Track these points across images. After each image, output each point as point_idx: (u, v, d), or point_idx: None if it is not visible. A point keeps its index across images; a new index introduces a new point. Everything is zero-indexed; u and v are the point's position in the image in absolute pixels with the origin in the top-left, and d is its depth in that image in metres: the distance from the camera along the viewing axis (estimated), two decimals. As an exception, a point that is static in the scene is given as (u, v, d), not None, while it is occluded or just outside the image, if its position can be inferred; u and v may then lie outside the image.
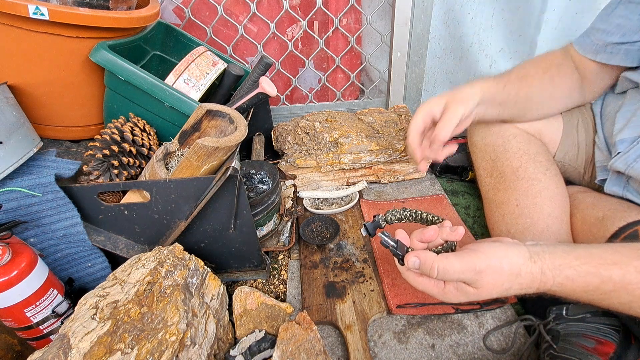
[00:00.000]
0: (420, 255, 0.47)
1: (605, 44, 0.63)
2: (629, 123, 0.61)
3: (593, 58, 0.65)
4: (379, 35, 1.08)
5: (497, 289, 0.44)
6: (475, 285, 0.45)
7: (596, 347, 0.50)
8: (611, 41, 0.62)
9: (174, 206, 0.62)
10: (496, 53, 1.12)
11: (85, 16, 0.64)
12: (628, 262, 0.42)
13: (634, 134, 0.60)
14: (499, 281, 0.44)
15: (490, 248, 0.46)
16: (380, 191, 0.98)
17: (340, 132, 0.94)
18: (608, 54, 0.63)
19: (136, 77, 0.68)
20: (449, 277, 0.45)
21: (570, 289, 0.44)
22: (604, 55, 0.64)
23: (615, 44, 0.62)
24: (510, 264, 0.44)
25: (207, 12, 1.03)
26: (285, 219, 0.84)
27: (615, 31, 0.61)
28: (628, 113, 0.63)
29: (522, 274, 0.44)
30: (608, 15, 0.62)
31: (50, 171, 0.59)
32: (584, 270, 0.43)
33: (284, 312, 0.64)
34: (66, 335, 0.44)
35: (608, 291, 0.43)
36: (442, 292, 0.47)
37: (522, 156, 0.70)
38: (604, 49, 0.63)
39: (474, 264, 0.44)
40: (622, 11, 0.60)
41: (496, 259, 0.45)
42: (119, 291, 0.50)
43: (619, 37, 0.61)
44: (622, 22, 0.60)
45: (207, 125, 0.67)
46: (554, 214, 0.65)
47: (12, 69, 0.66)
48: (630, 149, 0.59)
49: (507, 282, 0.44)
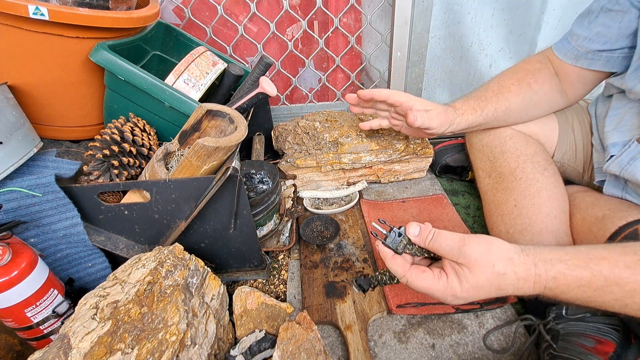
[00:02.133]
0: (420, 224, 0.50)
1: (586, 50, 0.63)
2: (617, 127, 0.62)
3: (574, 64, 0.66)
4: (379, 35, 1.08)
5: (489, 269, 0.45)
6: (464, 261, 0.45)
7: (596, 346, 0.50)
8: (592, 48, 0.62)
9: (174, 206, 0.62)
10: (496, 53, 1.12)
11: (85, 16, 0.64)
12: (616, 258, 0.43)
13: (624, 137, 0.60)
14: (489, 260, 0.45)
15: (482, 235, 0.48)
16: (380, 191, 0.98)
17: (340, 132, 0.94)
18: (589, 60, 0.64)
19: (136, 77, 0.68)
20: (439, 243, 0.47)
21: (564, 284, 0.44)
22: (585, 62, 0.65)
23: (596, 51, 0.62)
24: (500, 247, 0.46)
25: (207, 12, 1.03)
26: (285, 219, 0.84)
27: (596, 39, 0.61)
28: (615, 117, 0.63)
29: (515, 261, 0.45)
30: (590, 23, 0.62)
31: (51, 171, 0.59)
32: (574, 264, 0.44)
33: (284, 312, 0.64)
34: (66, 335, 0.44)
35: (600, 286, 0.43)
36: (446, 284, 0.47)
37: (519, 157, 0.71)
38: (584, 55, 0.64)
39: (462, 237, 0.47)
40: (602, 19, 0.60)
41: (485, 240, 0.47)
42: (119, 291, 0.50)
43: (600, 45, 0.61)
44: (602, 31, 0.60)
45: (207, 125, 0.67)
46: (553, 213, 0.65)
47: (12, 69, 0.66)
48: (623, 153, 0.59)
49: (499, 264, 0.45)
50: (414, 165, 0.99)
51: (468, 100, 0.73)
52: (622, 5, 0.57)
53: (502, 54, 1.12)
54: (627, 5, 0.57)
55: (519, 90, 0.70)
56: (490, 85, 0.73)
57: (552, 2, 1.02)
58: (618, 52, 0.61)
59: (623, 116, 0.62)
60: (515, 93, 0.70)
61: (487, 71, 1.15)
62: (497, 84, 0.73)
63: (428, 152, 0.96)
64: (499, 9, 1.03)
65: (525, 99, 0.71)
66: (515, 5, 1.03)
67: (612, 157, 0.61)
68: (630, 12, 0.57)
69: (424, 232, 0.49)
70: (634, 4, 0.56)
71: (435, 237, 0.48)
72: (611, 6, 0.59)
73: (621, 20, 0.58)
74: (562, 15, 1.03)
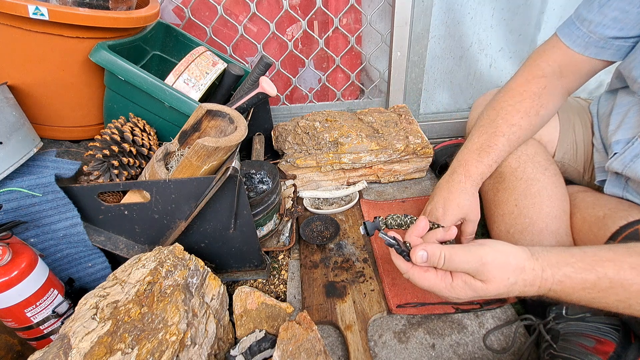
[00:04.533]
0: (427, 247, 0.47)
1: (599, 37, 0.59)
2: (621, 124, 0.61)
3: (582, 52, 0.61)
4: (379, 35, 1.08)
5: (503, 282, 0.44)
6: (481, 277, 0.45)
7: (596, 346, 0.50)
8: (606, 35, 0.58)
9: (174, 206, 0.62)
10: (496, 53, 1.12)
11: (85, 16, 0.64)
12: (622, 260, 0.43)
13: (627, 135, 0.60)
14: (505, 275, 0.45)
15: (496, 243, 0.47)
16: (380, 191, 0.98)
17: (340, 132, 0.94)
18: (599, 49, 0.60)
19: (136, 77, 0.68)
20: (455, 265, 0.45)
21: (570, 287, 0.45)
22: (594, 50, 0.60)
23: (610, 38, 0.58)
24: (516, 258, 0.45)
25: (207, 12, 1.03)
26: (285, 219, 0.84)
27: (612, 25, 0.56)
28: (619, 115, 0.62)
29: (526, 269, 0.45)
30: (601, 7, 0.57)
31: (51, 171, 0.59)
32: (580, 267, 0.44)
33: (284, 312, 0.64)
34: (66, 335, 0.44)
35: (605, 288, 0.43)
36: (450, 287, 0.47)
37: (520, 157, 0.71)
38: (596, 42, 0.59)
39: (480, 254, 0.45)
40: (619, 3, 0.55)
41: (502, 253, 0.46)
42: (119, 291, 0.50)
43: (616, 32, 0.57)
44: (619, 16, 0.55)
45: (207, 125, 0.67)
46: (553, 213, 0.65)
47: (12, 69, 0.66)
48: (626, 150, 0.59)
49: (513, 276, 0.45)
50: (414, 165, 0.98)
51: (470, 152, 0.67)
52: None
53: (502, 54, 1.12)
54: None
55: (529, 124, 0.66)
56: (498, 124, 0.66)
57: (552, 2, 1.02)
58: (632, 40, 0.57)
59: (627, 113, 0.61)
60: (526, 127, 0.66)
61: (487, 71, 1.15)
62: (504, 122, 0.66)
63: (428, 152, 0.96)
64: (498, 9, 1.03)
65: (535, 127, 0.68)
66: (515, 5, 1.03)
67: (615, 154, 0.61)
68: None
69: (433, 258, 0.47)
70: None
71: (447, 259, 0.46)
72: None
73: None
74: (562, 15, 1.03)
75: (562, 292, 0.45)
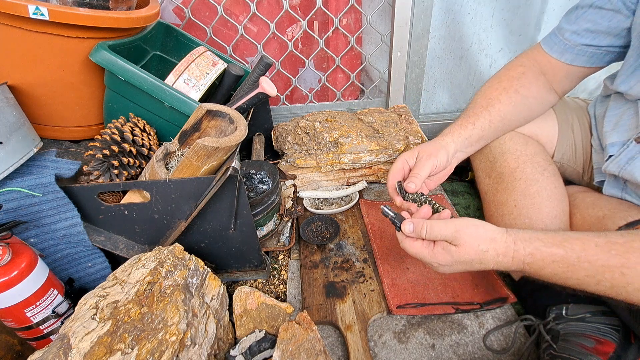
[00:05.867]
0: (414, 220, 0.56)
1: (573, 44, 0.64)
2: (616, 127, 0.62)
3: (559, 58, 0.67)
4: (379, 35, 1.08)
5: (474, 248, 0.51)
6: (455, 242, 0.51)
7: (596, 346, 0.50)
8: (579, 42, 0.63)
9: (174, 206, 0.62)
10: (496, 53, 1.12)
11: (85, 16, 0.64)
12: (589, 239, 0.48)
13: (622, 137, 0.61)
14: (476, 242, 0.51)
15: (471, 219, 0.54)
16: (380, 191, 0.98)
17: (340, 132, 0.94)
18: (574, 55, 0.65)
19: (136, 77, 0.68)
20: (435, 234, 0.53)
21: (540, 259, 0.49)
22: (569, 56, 0.66)
23: (583, 45, 0.63)
24: (487, 231, 0.52)
25: (207, 12, 1.03)
26: (285, 219, 0.84)
27: (585, 34, 0.63)
28: (614, 117, 0.64)
29: (497, 240, 0.51)
30: (577, 18, 0.63)
31: (51, 171, 0.59)
32: (549, 242, 0.49)
33: (284, 312, 0.64)
34: (66, 335, 0.44)
35: (573, 262, 0.47)
36: (432, 253, 0.54)
37: (519, 157, 0.71)
38: (571, 49, 0.65)
39: (455, 224, 0.52)
40: (592, 15, 0.61)
41: (475, 225, 0.52)
42: (119, 291, 0.50)
43: (589, 40, 0.63)
44: (591, 27, 0.61)
45: (207, 125, 0.67)
46: (552, 213, 0.65)
47: (12, 69, 0.66)
48: (621, 152, 0.59)
49: (484, 244, 0.51)
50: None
51: (455, 122, 0.73)
52: (613, 5, 0.58)
53: (502, 54, 1.12)
54: (619, 5, 0.57)
55: (508, 99, 0.70)
56: (477, 101, 0.73)
57: (552, 2, 1.02)
58: (604, 49, 0.62)
59: (621, 116, 0.62)
60: (506, 102, 0.70)
61: (487, 71, 1.15)
62: (483, 98, 0.72)
63: (428, 152, 0.96)
64: (499, 9, 1.03)
65: (517, 106, 0.71)
66: (515, 5, 1.03)
67: (610, 157, 0.61)
68: (621, 12, 0.58)
69: (418, 228, 0.55)
70: (627, 4, 0.57)
71: (429, 229, 0.53)
72: (602, 4, 0.59)
73: (611, 20, 0.59)
74: (562, 15, 1.03)
75: (535, 265, 0.50)
